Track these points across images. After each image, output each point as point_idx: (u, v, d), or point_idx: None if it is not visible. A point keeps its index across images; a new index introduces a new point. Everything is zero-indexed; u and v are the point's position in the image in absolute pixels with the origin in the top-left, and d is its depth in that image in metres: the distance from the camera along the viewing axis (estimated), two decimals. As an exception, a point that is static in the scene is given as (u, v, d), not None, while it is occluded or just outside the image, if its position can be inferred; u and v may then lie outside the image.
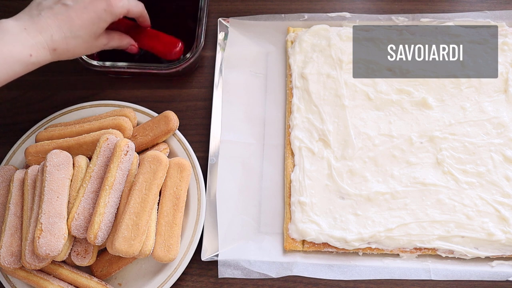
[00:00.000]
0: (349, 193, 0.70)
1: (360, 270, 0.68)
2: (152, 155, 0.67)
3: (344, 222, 0.69)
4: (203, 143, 0.76)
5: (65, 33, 0.63)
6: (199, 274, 0.70)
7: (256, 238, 0.70)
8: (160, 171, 0.67)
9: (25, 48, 0.60)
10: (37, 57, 0.61)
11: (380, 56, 0.78)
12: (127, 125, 0.72)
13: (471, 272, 0.67)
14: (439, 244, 0.67)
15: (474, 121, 0.74)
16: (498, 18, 0.81)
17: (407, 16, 0.82)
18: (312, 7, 0.84)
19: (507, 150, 0.72)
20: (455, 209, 0.69)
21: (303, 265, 0.68)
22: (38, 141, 0.73)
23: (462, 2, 0.84)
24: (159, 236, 0.66)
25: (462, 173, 0.71)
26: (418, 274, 0.67)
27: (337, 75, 0.77)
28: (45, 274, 0.65)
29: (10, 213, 0.66)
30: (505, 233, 0.67)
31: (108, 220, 0.64)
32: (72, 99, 0.79)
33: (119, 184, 0.66)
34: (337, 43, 0.79)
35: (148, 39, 0.75)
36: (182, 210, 0.68)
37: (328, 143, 0.73)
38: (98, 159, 0.67)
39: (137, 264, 0.70)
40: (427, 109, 0.75)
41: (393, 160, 0.72)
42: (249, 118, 0.77)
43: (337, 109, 0.75)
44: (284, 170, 0.74)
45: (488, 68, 0.77)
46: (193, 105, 0.80)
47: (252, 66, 0.81)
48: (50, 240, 0.61)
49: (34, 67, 0.62)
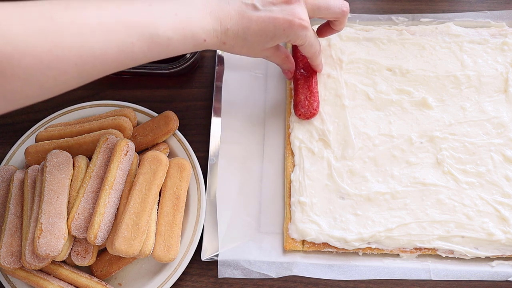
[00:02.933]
0: (349, 193, 0.70)
1: (360, 270, 0.68)
2: (152, 155, 0.67)
3: (344, 222, 0.69)
4: (203, 143, 0.76)
5: (238, 31, 0.61)
6: (199, 274, 0.70)
7: (256, 238, 0.70)
8: (160, 171, 0.67)
9: (203, 32, 0.58)
10: (208, 43, 0.60)
11: (380, 56, 0.79)
12: (127, 125, 0.72)
13: (471, 272, 0.67)
14: (439, 244, 0.67)
15: (474, 121, 0.74)
16: (498, 18, 0.81)
17: (407, 16, 0.82)
18: (312, 7, 0.84)
19: (507, 150, 0.72)
20: (455, 209, 0.69)
21: (303, 265, 0.68)
22: (38, 141, 0.73)
23: (462, 2, 0.84)
24: (159, 236, 0.66)
25: (462, 173, 0.71)
26: (418, 274, 0.67)
27: (337, 75, 0.77)
28: (45, 274, 0.65)
29: (10, 213, 0.66)
30: (505, 233, 0.67)
31: (108, 220, 0.64)
32: (72, 99, 0.79)
33: (119, 184, 0.66)
34: (337, 43, 0.79)
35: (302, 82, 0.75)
36: (182, 210, 0.68)
37: (328, 143, 0.73)
38: (98, 159, 0.67)
39: (137, 264, 0.70)
40: (427, 109, 0.75)
41: (393, 160, 0.72)
42: (249, 118, 0.77)
43: (337, 109, 0.75)
44: (284, 170, 0.74)
45: (488, 68, 0.77)
46: (193, 105, 0.80)
47: (252, 67, 0.81)
48: (50, 240, 0.61)
49: (202, 49, 0.61)
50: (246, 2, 0.61)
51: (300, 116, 0.74)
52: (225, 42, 0.62)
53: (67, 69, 0.49)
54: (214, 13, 0.59)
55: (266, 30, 0.62)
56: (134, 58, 0.54)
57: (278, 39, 0.63)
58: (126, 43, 0.52)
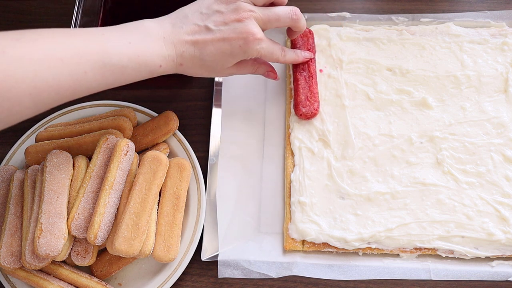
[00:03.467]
0: (349, 193, 0.70)
1: (360, 270, 0.68)
2: (152, 155, 0.67)
3: (344, 222, 0.69)
4: (203, 143, 0.76)
5: (195, 52, 0.62)
6: (199, 274, 0.70)
7: (256, 238, 0.70)
8: (160, 171, 0.67)
9: (158, 58, 0.60)
10: (164, 68, 0.61)
11: (380, 56, 0.79)
12: (127, 125, 0.72)
13: (471, 272, 0.67)
14: (439, 244, 0.67)
15: (474, 121, 0.74)
16: (498, 18, 0.81)
17: (407, 16, 0.82)
18: (312, 7, 0.84)
19: (507, 150, 0.72)
20: (455, 209, 0.69)
21: (303, 265, 0.68)
22: (38, 141, 0.73)
23: (462, 2, 0.84)
24: (159, 236, 0.66)
25: (462, 173, 0.71)
26: (418, 274, 0.67)
27: (337, 75, 0.77)
28: (45, 274, 0.65)
29: (10, 213, 0.66)
30: (505, 233, 0.67)
31: (108, 220, 0.64)
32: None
33: (119, 184, 0.66)
34: (337, 43, 0.79)
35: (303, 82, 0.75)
36: (182, 210, 0.68)
37: (328, 143, 0.73)
38: (98, 159, 0.67)
39: (137, 264, 0.70)
40: (427, 109, 0.75)
41: (393, 160, 0.72)
42: (249, 118, 0.77)
43: (337, 109, 0.75)
44: (284, 170, 0.74)
45: (488, 68, 0.77)
46: (193, 105, 0.80)
47: (252, 66, 0.81)
48: (50, 240, 0.61)
49: (159, 74, 0.62)
50: (199, 24, 0.62)
51: (301, 116, 0.74)
52: (181, 64, 0.63)
53: (21, 99, 0.50)
54: (168, 39, 0.61)
55: (222, 49, 0.63)
56: (88, 86, 0.55)
57: (236, 56, 0.64)
58: (79, 73, 0.53)
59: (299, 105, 0.73)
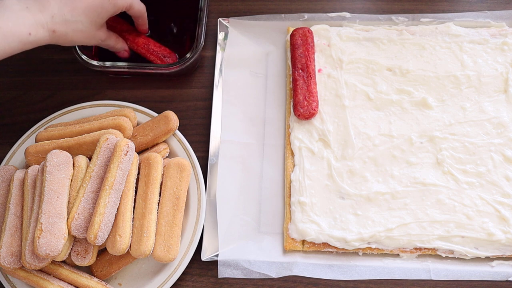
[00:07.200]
0: (349, 193, 0.70)
1: (360, 270, 0.68)
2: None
3: (344, 222, 0.69)
4: (203, 143, 0.76)
5: (66, 15, 0.63)
6: (199, 274, 0.70)
7: (256, 238, 0.70)
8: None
9: (25, 26, 0.60)
10: (35, 36, 0.61)
11: (380, 56, 0.79)
12: (127, 125, 0.72)
13: (471, 272, 0.67)
14: (439, 244, 0.67)
15: (474, 121, 0.74)
16: (498, 18, 0.81)
17: (407, 16, 0.82)
18: (312, 7, 0.84)
19: (507, 150, 0.72)
20: (455, 209, 0.69)
21: (303, 265, 0.68)
22: (38, 141, 0.73)
23: (462, 2, 0.84)
24: (159, 236, 0.66)
25: (462, 173, 0.71)
26: (418, 274, 0.67)
27: (337, 75, 0.77)
28: (45, 274, 0.65)
29: (10, 213, 0.66)
30: (505, 233, 0.67)
31: (108, 220, 0.64)
32: (72, 99, 0.79)
33: (119, 184, 0.66)
34: (337, 43, 0.79)
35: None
36: (182, 210, 0.68)
37: (328, 143, 0.73)
38: (98, 159, 0.67)
39: (137, 264, 0.70)
40: (427, 109, 0.75)
41: (393, 160, 0.72)
42: (249, 118, 0.77)
43: (337, 109, 0.75)
44: (284, 170, 0.74)
45: (488, 68, 0.77)
46: (193, 105, 0.80)
47: (252, 66, 0.81)
48: (50, 240, 0.61)
49: (32, 46, 0.62)
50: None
51: (299, 116, 0.74)
52: (54, 30, 0.63)
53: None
54: (31, 6, 0.61)
55: (92, 5, 0.64)
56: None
57: (106, 11, 0.66)
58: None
59: (297, 106, 0.73)
